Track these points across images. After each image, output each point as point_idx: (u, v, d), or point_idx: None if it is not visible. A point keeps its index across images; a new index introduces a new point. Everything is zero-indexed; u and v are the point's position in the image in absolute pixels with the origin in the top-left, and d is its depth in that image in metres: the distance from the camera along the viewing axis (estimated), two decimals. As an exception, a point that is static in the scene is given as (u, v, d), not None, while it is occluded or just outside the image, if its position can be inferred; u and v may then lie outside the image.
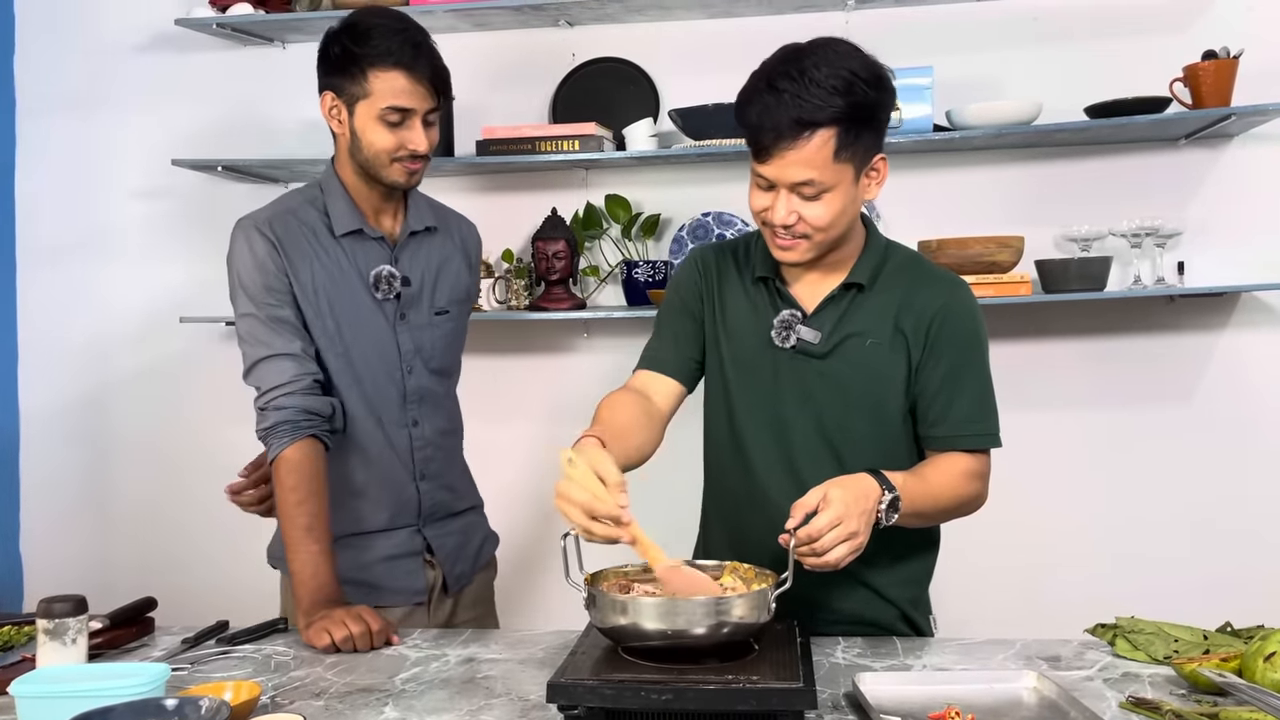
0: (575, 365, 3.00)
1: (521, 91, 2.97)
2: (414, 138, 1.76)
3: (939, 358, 1.60)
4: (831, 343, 1.61)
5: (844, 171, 1.50)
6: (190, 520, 3.10)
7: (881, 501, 1.45)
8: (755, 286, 1.67)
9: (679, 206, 2.92)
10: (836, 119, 1.46)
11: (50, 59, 3.14)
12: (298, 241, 1.81)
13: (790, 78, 1.47)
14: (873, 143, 1.52)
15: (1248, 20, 2.71)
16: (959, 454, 1.61)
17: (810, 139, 1.46)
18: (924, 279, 1.64)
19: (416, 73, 1.74)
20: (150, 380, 3.13)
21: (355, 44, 1.74)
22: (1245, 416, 2.77)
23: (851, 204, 1.54)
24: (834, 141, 1.47)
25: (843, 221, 1.54)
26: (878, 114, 1.51)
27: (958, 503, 1.60)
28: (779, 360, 1.63)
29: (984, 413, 1.62)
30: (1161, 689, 1.35)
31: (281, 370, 1.76)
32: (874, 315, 1.61)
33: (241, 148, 3.01)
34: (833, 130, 1.46)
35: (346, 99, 1.77)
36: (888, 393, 1.61)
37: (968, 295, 1.65)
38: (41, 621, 1.41)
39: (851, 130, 1.48)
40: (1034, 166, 2.82)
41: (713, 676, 1.25)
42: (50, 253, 3.16)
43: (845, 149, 1.48)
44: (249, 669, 1.52)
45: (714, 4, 2.79)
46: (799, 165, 1.48)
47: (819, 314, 1.62)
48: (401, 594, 1.86)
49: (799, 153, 1.47)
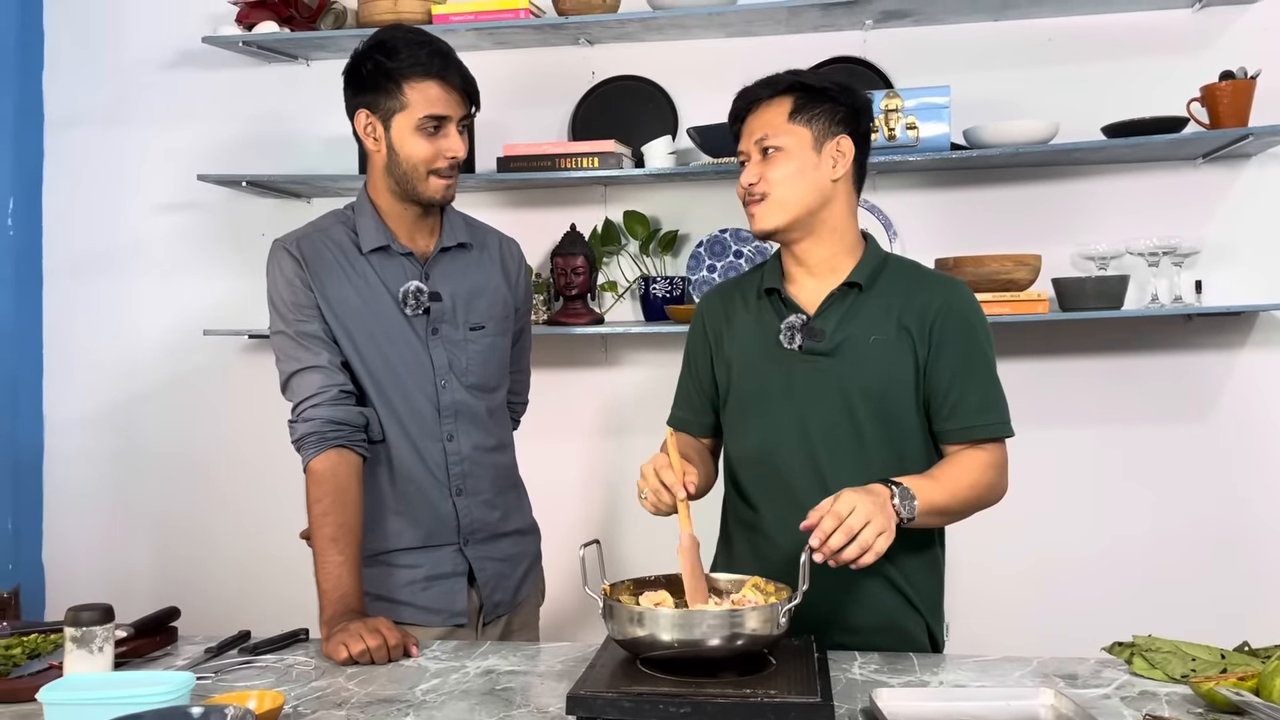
0: (593, 380, 3.02)
1: (542, 109, 3.00)
2: (451, 144, 1.81)
3: (945, 353, 1.66)
4: (836, 340, 1.67)
5: (800, 134, 1.66)
6: (211, 531, 3.13)
7: (893, 497, 1.49)
8: (760, 302, 1.75)
9: (696, 223, 2.94)
10: (791, 86, 1.69)
11: (79, 75, 3.20)
12: (325, 259, 1.84)
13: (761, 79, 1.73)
14: (832, 117, 1.68)
15: (1265, 41, 2.71)
16: (973, 448, 1.66)
17: (769, 104, 1.69)
18: (923, 281, 1.72)
19: (449, 80, 1.80)
20: (173, 392, 3.17)
21: (387, 59, 1.79)
22: (1263, 435, 2.76)
23: (812, 171, 1.67)
24: (790, 105, 1.67)
25: (802, 186, 1.66)
26: (837, 97, 1.69)
27: (977, 494, 1.63)
28: (789, 363, 1.69)
29: (994, 403, 1.67)
30: (1179, 707, 1.35)
31: (309, 383, 1.79)
32: (876, 314, 1.68)
33: (266, 163, 3.05)
34: (789, 96, 1.68)
35: (382, 114, 1.81)
36: (897, 386, 1.66)
37: (967, 292, 1.72)
38: (69, 629, 1.43)
39: (805, 97, 1.67)
40: (1051, 185, 2.83)
41: (731, 690, 1.27)
42: (76, 266, 3.21)
43: (800, 113, 1.67)
44: (271, 678, 1.53)
45: (732, 23, 2.81)
46: (758, 125, 1.69)
47: (822, 314, 1.69)
48: (440, 614, 1.86)
49: (758, 116, 1.70)
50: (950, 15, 2.78)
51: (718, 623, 1.31)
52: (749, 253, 2.88)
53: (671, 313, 2.78)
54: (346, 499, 1.74)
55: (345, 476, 1.76)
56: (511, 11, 2.79)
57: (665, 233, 2.93)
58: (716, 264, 2.90)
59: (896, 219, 2.81)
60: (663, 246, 2.92)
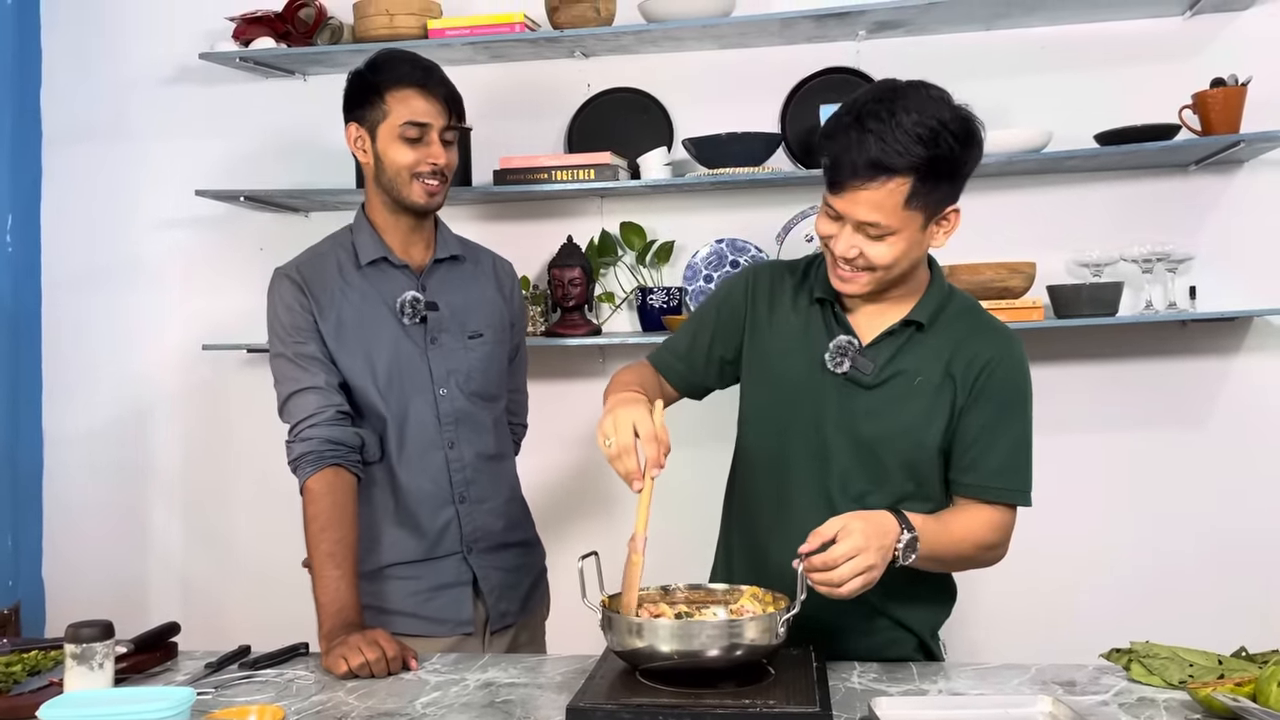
0: (590, 391, 3.01)
1: (537, 122, 3.01)
2: (433, 152, 1.85)
3: (982, 406, 1.60)
4: (883, 376, 1.61)
5: (912, 219, 1.50)
6: (210, 546, 3.13)
7: (900, 540, 1.46)
8: (812, 308, 1.67)
9: (693, 234, 2.95)
10: (913, 168, 1.46)
11: (76, 91, 3.20)
12: (323, 280, 1.88)
13: (878, 118, 1.46)
14: (948, 194, 1.53)
15: (1255, 48, 2.72)
16: (985, 506, 1.61)
17: (884, 184, 1.47)
18: (981, 328, 1.65)
19: (430, 90, 1.85)
20: (173, 407, 3.17)
21: (372, 74, 1.88)
22: (1258, 441, 2.76)
23: (915, 248, 1.55)
24: (907, 189, 1.47)
25: (903, 264, 1.55)
26: (959, 168, 1.51)
27: (975, 552, 1.60)
28: (826, 384, 1.63)
29: (1017, 468, 1.61)
30: (1176, 714, 1.36)
31: (306, 404, 1.81)
32: (928, 356, 1.62)
33: (263, 178, 3.06)
34: (908, 179, 1.47)
35: (369, 126, 1.87)
36: (927, 432, 1.61)
37: (1020, 350, 1.65)
38: (69, 646, 1.43)
39: (928, 181, 1.48)
40: (1045, 193, 2.84)
41: (729, 700, 1.27)
42: (75, 281, 3.21)
43: (917, 198, 1.48)
44: (271, 693, 1.54)
45: (726, 35, 2.83)
46: (868, 206, 1.48)
47: (875, 346, 1.62)
48: (446, 624, 1.87)
49: (870, 194, 1.48)
50: (943, 25, 2.80)
51: (717, 633, 1.31)
52: (745, 263, 2.89)
53: (668, 323, 2.79)
54: (343, 516, 1.76)
55: (341, 494, 1.77)
56: (507, 25, 2.81)
57: (662, 243, 2.94)
58: (713, 275, 2.91)
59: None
60: (659, 257, 2.93)
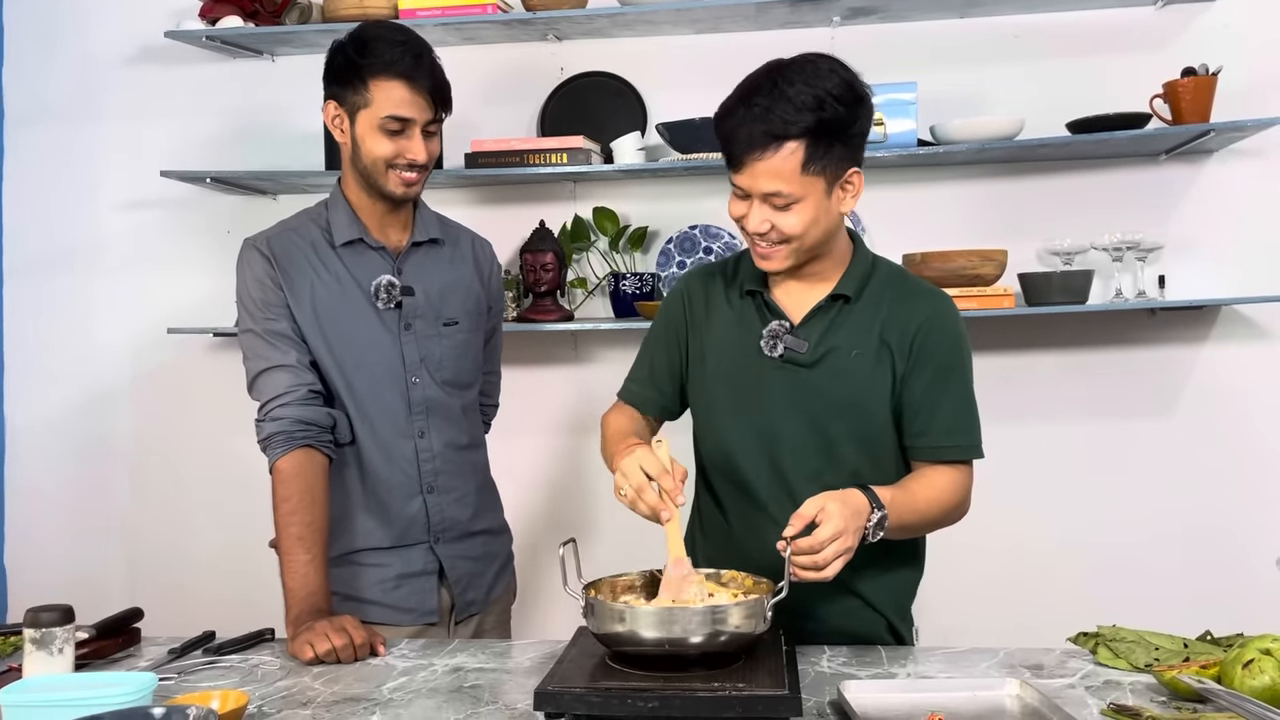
0: (563, 377, 3.01)
1: (510, 105, 2.99)
2: (412, 147, 1.78)
3: (922, 370, 1.63)
4: (818, 353, 1.63)
5: (813, 184, 1.53)
6: (175, 531, 3.10)
7: (870, 519, 1.47)
8: (743, 300, 1.70)
9: (666, 219, 2.94)
10: (804, 132, 1.50)
11: (39, 70, 3.14)
12: (294, 257, 1.83)
13: (764, 92, 1.52)
14: (845, 156, 1.55)
15: (1226, 38, 2.74)
16: (942, 466, 1.64)
17: (778, 150, 1.51)
18: (909, 293, 1.67)
19: (416, 83, 1.77)
20: (137, 391, 3.13)
21: (358, 54, 1.78)
22: (1225, 428, 2.80)
23: (825, 215, 1.57)
24: (801, 154, 1.51)
25: (816, 231, 1.57)
26: (849, 129, 1.54)
27: (941, 514, 1.63)
28: (766, 370, 1.65)
29: (966, 424, 1.65)
30: (1142, 696, 1.37)
31: (277, 382, 1.77)
32: (859, 327, 1.64)
33: (230, 159, 3.02)
34: (800, 143, 1.50)
35: (349, 108, 1.80)
36: (873, 402, 1.63)
37: (951, 309, 1.68)
38: (29, 631, 1.41)
39: (820, 144, 1.51)
40: (1017, 181, 2.85)
41: (699, 684, 1.26)
42: (37, 263, 3.15)
43: (814, 162, 1.51)
44: (235, 679, 1.52)
45: (701, 19, 2.82)
46: (767, 176, 1.52)
47: (806, 324, 1.65)
48: (411, 613, 1.85)
49: (767, 164, 1.51)
50: (917, 12, 2.80)
51: (701, 619, 1.30)
52: (719, 249, 2.89)
53: (641, 309, 2.78)
54: (313, 498, 1.73)
55: (312, 476, 1.74)
56: (479, 7, 2.78)
57: (635, 229, 2.92)
58: (686, 260, 2.90)
59: (864, 214, 2.82)
60: (632, 243, 2.91)
